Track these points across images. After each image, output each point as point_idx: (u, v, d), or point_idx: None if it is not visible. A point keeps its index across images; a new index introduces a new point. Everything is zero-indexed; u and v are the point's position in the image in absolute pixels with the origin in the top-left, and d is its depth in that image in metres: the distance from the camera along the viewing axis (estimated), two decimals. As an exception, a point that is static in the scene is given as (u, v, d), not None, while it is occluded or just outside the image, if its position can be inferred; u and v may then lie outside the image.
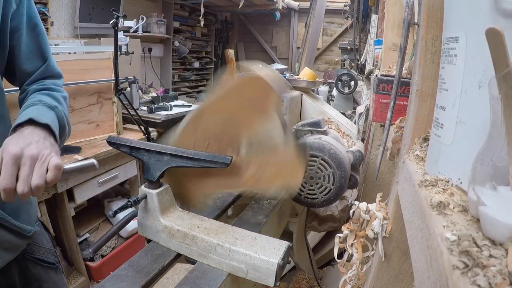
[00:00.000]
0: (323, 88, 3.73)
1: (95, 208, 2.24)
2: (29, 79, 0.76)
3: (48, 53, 0.79)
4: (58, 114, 0.70)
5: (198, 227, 0.69)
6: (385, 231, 0.54)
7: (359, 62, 2.52)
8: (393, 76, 0.71)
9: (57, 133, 0.66)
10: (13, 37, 0.70)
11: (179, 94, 3.67)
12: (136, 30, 3.20)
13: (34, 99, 0.70)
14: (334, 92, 3.48)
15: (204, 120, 0.75)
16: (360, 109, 1.75)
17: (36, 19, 0.75)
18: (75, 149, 1.75)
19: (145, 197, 0.71)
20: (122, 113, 2.21)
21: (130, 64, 2.76)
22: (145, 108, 2.66)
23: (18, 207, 0.73)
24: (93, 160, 0.68)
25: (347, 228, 0.62)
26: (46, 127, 0.63)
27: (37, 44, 0.75)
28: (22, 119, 0.62)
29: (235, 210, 1.06)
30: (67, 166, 0.62)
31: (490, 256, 0.23)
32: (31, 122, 0.61)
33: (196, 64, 4.78)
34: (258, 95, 0.70)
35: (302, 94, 1.23)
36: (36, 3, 0.75)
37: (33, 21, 0.74)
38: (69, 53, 2.15)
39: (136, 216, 0.76)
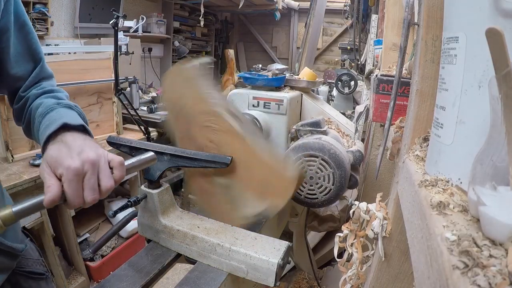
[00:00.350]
0: (323, 88, 3.73)
1: (95, 208, 2.24)
2: (24, 85, 0.69)
3: (41, 53, 0.72)
4: (79, 113, 0.65)
5: (198, 227, 0.70)
6: (385, 231, 0.54)
7: (359, 62, 2.52)
8: (393, 76, 0.71)
9: (90, 131, 0.61)
10: (1, 39, 0.63)
11: (179, 94, 3.66)
12: (136, 30, 3.20)
13: (49, 103, 0.64)
14: (334, 92, 3.48)
15: (232, 141, 0.75)
16: (360, 108, 1.75)
17: (24, 17, 0.67)
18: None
19: (145, 197, 0.71)
20: (122, 113, 2.21)
21: (130, 64, 2.76)
22: (145, 108, 2.66)
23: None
24: (152, 153, 0.62)
25: (347, 227, 0.62)
26: (81, 129, 0.59)
27: (26, 45, 0.68)
28: (54, 126, 0.56)
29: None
30: (127, 163, 0.56)
31: (490, 256, 0.23)
32: (65, 127, 0.56)
33: (196, 64, 4.77)
34: (276, 192, 0.72)
35: (302, 94, 1.23)
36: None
37: (21, 19, 0.66)
38: (69, 53, 2.15)
39: (136, 216, 0.76)
